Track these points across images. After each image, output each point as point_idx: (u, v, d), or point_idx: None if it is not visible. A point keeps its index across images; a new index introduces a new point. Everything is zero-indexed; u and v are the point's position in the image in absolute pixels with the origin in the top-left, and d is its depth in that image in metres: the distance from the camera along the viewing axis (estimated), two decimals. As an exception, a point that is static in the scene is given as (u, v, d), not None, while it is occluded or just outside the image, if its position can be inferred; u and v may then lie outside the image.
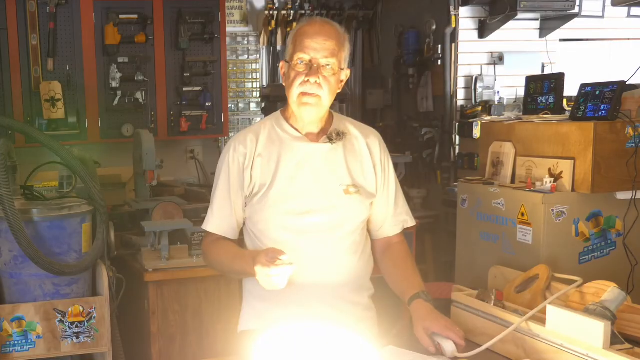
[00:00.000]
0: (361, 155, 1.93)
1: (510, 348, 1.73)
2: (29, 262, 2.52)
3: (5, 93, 4.04)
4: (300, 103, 1.82)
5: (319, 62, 1.79)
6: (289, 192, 1.86)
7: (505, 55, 4.49)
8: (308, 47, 1.79)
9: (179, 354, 3.01)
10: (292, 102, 1.84)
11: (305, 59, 1.79)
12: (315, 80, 1.78)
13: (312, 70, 1.78)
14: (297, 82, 1.80)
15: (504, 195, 2.62)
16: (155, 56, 4.26)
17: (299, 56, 1.80)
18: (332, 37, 1.81)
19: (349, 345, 1.33)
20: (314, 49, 1.78)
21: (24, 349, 2.63)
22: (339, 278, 1.90)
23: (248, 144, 1.90)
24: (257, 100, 5.04)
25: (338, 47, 1.81)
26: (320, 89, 1.79)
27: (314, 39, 1.79)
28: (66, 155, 2.79)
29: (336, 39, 1.81)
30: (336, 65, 1.81)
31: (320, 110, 1.84)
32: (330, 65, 1.80)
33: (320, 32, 1.80)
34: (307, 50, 1.79)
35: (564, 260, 2.44)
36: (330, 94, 1.83)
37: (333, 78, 1.81)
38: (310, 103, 1.81)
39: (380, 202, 1.97)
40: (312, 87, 1.79)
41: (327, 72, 1.80)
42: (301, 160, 1.87)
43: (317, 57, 1.78)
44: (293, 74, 1.81)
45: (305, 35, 1.80)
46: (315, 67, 1.78)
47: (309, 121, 1.87)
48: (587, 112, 2.44)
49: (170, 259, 2.96)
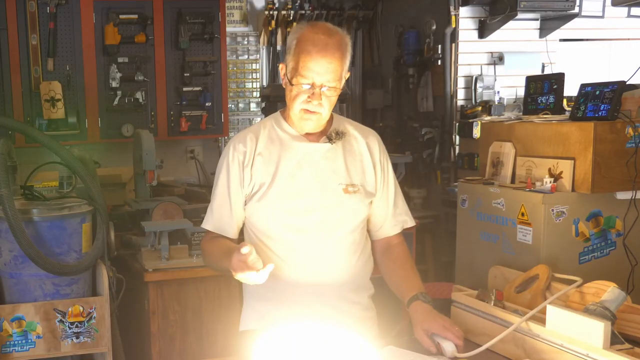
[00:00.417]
0: (360, 155, 1.93)
1: (510, 348, 1.73)
2: (29, 262, 2.52)
3: (5, 93, 4.04)
4: (301, 118, 1.84)
5: (322, 85, 1.78)
6: (289, 192, 1.86)
7: (505, 55, 4.49)
8: (312, 70, 1.76)
9: (179, 354, 3.01)
10: (293, 114, 1.85)
11: (307, 82, 1.78)
12: (318, 102, 1.79)
13: (315, 95, 1.78)
14: (299, 99, 1.80)
15: (504, 195, 2.62)
16: (155, 56, 4.26)
17: (302, 80, 1.78)
18: (336, 56, 1.77)
19: (349, 345, 1.33)
20: (318, 73, 1.76)
21: (24, 349, 2.63)
22: (338, 277, 1.90)
23: (248, 143, 1.90)
24: (257, 100, 5.04)
25: (341, 64, 1.79)
26: (321, 108, 1.81)
27: (318, 62, 1.75)
28: (66, 155, 2.79)
29: (340, 57, 1.78)
30: (339, 84, 1.81)
31: (321, 122, 1.86)
32: (333, 87, 1.79)
33: (325, 51, 1.75)
34: (310, 73, 1.76)
35: (564, 260, 2.44)
36: (331, 108, 1.84)
37: (335, 95, 1.82)
38: (312, 119, 1.83)
39: (379, 203, 1.97)
40: (314, 107, 1.80)
41: (330, 92, 1.80)
42: (301, 160, 1.88)
43: (321, 82, 1.77)
44: (295, 90, 1.80)
45: (309, 55, 1.75)
46: (317, 92, 1.78)
47: (308, 130, 1.89)
48: (587, 112, 2.44)
49: (170, 259, 2.96)
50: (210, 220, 1.95)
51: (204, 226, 1.97)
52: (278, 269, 1.88)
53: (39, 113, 4.03)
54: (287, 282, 1.88)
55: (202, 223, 1.98)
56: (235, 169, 1.89)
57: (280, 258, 1.88)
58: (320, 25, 1.81)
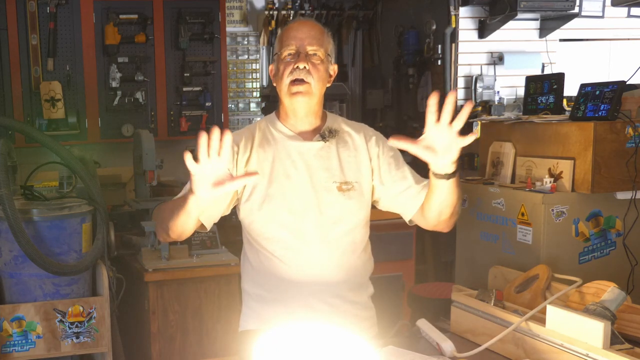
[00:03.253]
0: (356, 150, 1.92)
1: (510, 348, 1.74)
2: (29, 262, 2.52)
3: (5, 93, 4.04)
4: (290, 93, 1.83)
5: (305, 49, 1.82)
6: (284, 191, 1.86)
7: (505, 55, 4.50)
8: (293, 37, 1.83)
9: (179, 354, 3.01)
10: (284, 95, 1.85)
11: (292, 49, 1.82)
12: (304, 66, 1.80)
13: (300, 57, 1.81)
14: (287, 72, 1.82)
15: (504, 195, 2.62)
16: (155, 56, 4.26)
17: (286, 49, 1.83)
18: (315, 28, 1.86)
19: (348, 345, 1.33)
20: (300, 38, 1.82)
21: (24, 349, 2.63)
22: (336, 277, 1.89)
23: (243, 140, 1.90)
24: (257, 100, 5.04)
25: (322, 37, 1.85)
26: (309, 75, 1.81)
27: (298, 29, 1.84)
28: (66, 155, 2.79)
29: (319, 30, 1.86)
30: (322, 53, 1.83)
31: (312, 99, 1.84)
32: (317, 54, 1.82)
33: (304, 24, 1.86)
34: (292, 40, 1.83)
35: (564, 260, 2.44)
36: (320, 83, 1.84)
37: (321, 66, 1.83)
38: (301, 91, 1.82)
39: (401, 187, 1.89)
40: (300, 73, 1.80)
41: (315, 59, 1.82)
42: (295, 159, 1.88)
43: (303, 45, 1.82)
44: (282, 66, 1.84)
45: (289, 29, 1.86)
46: (302, 55, 1.81)
47: (302, 114, 1.87)
48: (587, 112, 2.44)
49: (170, 259, 2.96)
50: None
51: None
52: (276, 269, 1.88)
53: (39, 113, 4.04)
54: (284, 282, 1.87)
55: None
56: None
57: (278, 258, 1.87)
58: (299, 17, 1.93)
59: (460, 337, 1.89)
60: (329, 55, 1.87)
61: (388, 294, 1.99)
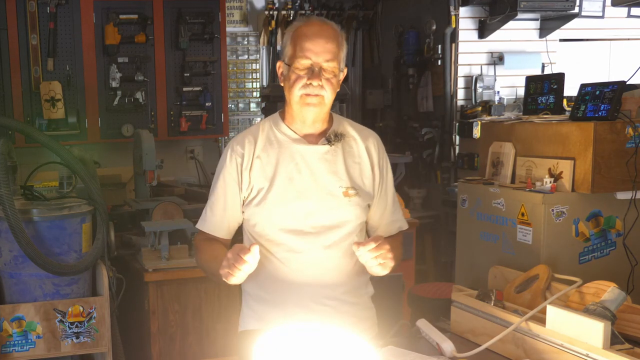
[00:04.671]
0: (360, 157, 1.92)
1: (510, 348, 1.74)
2: (29, 262, 2.52)
3: (5, 93, 4.05)
4: (303, 104, 1.82)
5: (320, 65, 1.79)
6: (288, 194, 1.85)
7: (505, 55, 4.50)
8: (309, 50, 1.78)
9: (179, 354, 3.01)
10: (294, 103, 1.84)
11: (306, 63, 1.79)
12: (318, 83, 1.79)
13: (314, 74, 1.78)
14: (299, 84, 1.80)
15: (504, 195, 2.62)
16: (155, 56, 4.27)
17: (301, 62, 1.79)
18: (332, 39, 1.80)
19: (348, 345, 1.33)
20: (315, 53, 1.78)
21: (24, 349, 2.63)
22: (337, 279, 1.89)
23: (246, 145, 1.89)
24: (257, 100, 5.05)
25: (338, 49, 1.81)
26: (322, 90, 1.80)
27: (314, 41, 1.78)
28: (66, 155, 2.79)
29: (335, 40, 1.81)
30: (337, 67, 1.81)
31: (323, 109, 1.84)
32: (331, 68, 1.80)
33: (320, 33, 1.80)
34: (308, 53, 1.78)
35: (564, 260, 2.44)
36: (332, 94, 1.83)
37: (334, 79, 1.82)
38: (314, 103, 1.81)
39: (377, 207, 1.96)
40: (314, 89, 1.79)
41: (329, 74, 1.80)
42: (300, 162, 1.87)
43: (318, 61, 1.78)
44: (294, 76, 1.81)
45: (305, 37, 1.79)
46: (317, 71, 1.78)
47: (311, 121, 1.87)
48: (587, 112, 2.44)
49: (170, 259, 2.96)
50: (204, 221, 1.96)
51: (199, 227, 1.98)
52: (277, 271, 1.88)
53: (39, 113, 4.04)
54: (285, 284, 1.87)
55: (197, 224, 1.99)
56: (232, 171, 1.89)
57: (279, 260, 1.87)
58: (314, 17, 1.87)
59: (460, 337, 1.89)
60: (342, 63, 1.85)
61: (388, 294, 2.00)
